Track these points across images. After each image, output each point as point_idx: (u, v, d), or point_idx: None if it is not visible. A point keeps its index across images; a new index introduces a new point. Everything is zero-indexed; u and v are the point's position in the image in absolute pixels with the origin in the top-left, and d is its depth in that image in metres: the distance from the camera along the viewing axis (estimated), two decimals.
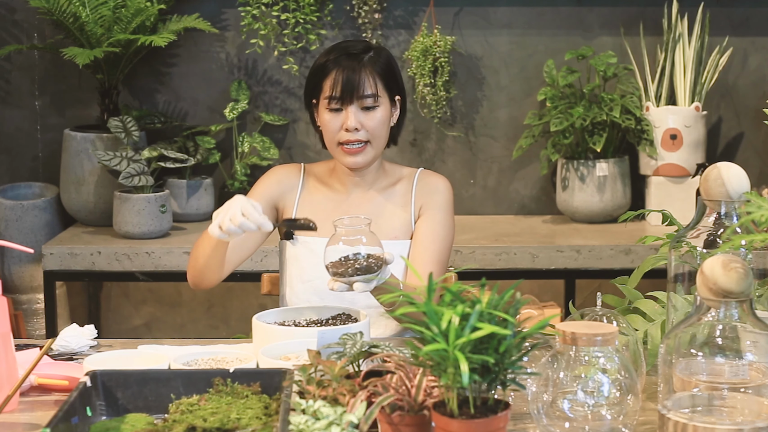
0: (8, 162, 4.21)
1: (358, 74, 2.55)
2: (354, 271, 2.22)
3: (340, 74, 2.55)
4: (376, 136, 2.58)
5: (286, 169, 2.71)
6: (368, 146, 2.58)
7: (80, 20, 3.86)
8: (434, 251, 2.60)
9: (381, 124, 2.58)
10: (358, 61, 2.57)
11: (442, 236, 2.63)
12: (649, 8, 4.07)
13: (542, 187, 4.19)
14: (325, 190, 2.68)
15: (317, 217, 2.64)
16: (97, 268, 3.71)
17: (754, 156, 4.16)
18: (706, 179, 1.97)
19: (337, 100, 2.55)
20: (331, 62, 2.57)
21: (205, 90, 4.16)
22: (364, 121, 2.56)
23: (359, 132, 2.55)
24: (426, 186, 2.67)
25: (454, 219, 2.69)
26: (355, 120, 2.55)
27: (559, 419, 1.76)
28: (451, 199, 2.69)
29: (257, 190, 2.67)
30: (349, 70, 2.55)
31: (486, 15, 4.12)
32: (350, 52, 2.59)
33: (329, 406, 1.68)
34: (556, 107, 3.89)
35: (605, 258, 3.70)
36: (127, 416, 1.86)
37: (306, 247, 2.63)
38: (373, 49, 2.62)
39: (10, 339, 1.99)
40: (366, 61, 2.57)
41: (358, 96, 2.55)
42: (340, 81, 2.55)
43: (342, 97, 2.55)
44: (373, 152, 2.59)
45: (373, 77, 2.57)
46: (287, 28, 4.07)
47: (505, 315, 1.62)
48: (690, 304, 1.97)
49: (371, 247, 2.22)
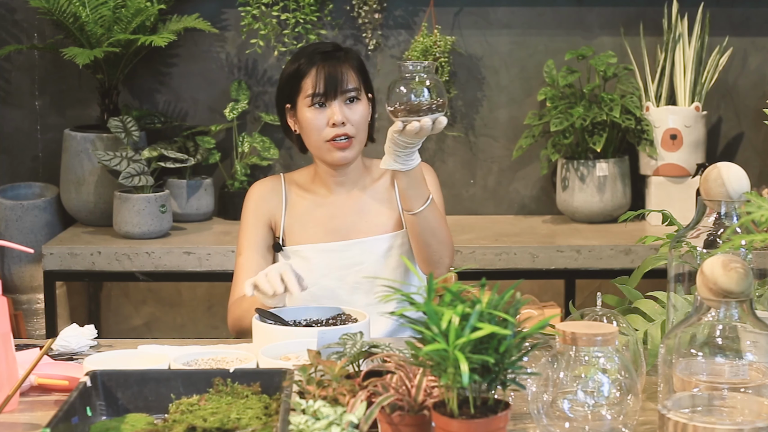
0: (8, 162, 4.21)
1: (339, 69, 2.58)
2: (425, 109, 2.34)
3: (322, 71, 2.58)
4: (360, 130, 2.61)
5: (266, 184, 2.71)
6: (354, 140, 2.60)
7: (80, 20, 3.86)
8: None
9: (364, 118, 2.61)
10: (336, 57, 2.61)
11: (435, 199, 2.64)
12: (649, 8, 4.07)
13: (542, 187, 4.19)
14: (310, 196, 2.68)
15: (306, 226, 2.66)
16: (97, 268, 3.71)
17: (754, 156, 4.16)
18: (706, 179, 1.97)
19: (320, 96, 2.57)
20: (306, 64, 2.60)
21: (205, 90, 4.16)
22: (349, 115, 2.58)
23: (345, 126, 2.58)
24: None
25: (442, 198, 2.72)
26: (341, 113, 2.57)
27: (559, 419, 1.76)
28: (435, 179, 2.71)
29: (249, 217, 2.67)
30: (330, 65, 2.58)
31: (486, 15, 4.12)
32: (324, 50, 2.62)
33: (329, 406, 1.68)
34: (556, 107, 3.89)
35: (605, 258, 3.70)
36: (127, 416, 1.86)
37: (297, 255, 2.64)
38: (344, 49, 2.67)
39: (10, 339, 1.99)
40: (344, 57, 2.62)
41: (342, 90, 2.58)
42: (323, 77, 2.57)
43: (326, 93, 2.57)
44: (358, 147, 2.62)
45: (353, 71, 2.60)
46: (287, 28, 4.07)
47: (505, 315, 1.62)
48: (690, 304, 1.97)
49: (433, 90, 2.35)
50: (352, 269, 2.59)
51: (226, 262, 3.68)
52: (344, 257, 2.61)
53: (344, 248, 2.62)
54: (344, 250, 2.62)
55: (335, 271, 2.61)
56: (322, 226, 2.65)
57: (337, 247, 2.62)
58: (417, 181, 2.49)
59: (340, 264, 2.61)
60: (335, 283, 2.60)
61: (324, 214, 2.65)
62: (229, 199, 4.07)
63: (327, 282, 2.60)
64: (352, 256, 2.60)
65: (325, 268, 2.61)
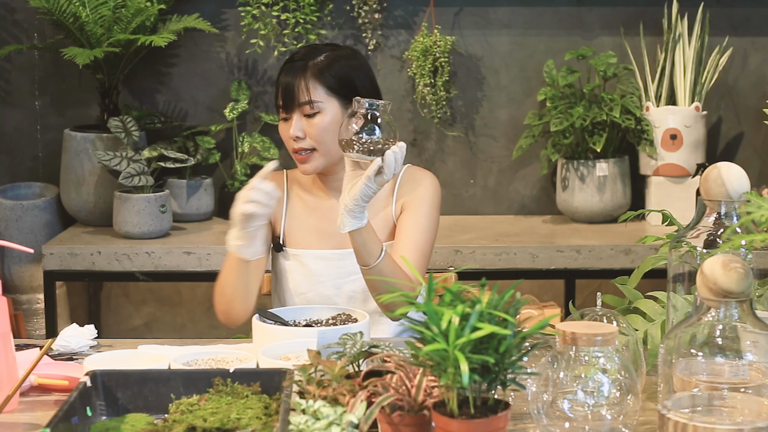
0: (8, 162, 4.21)
1: (295, 81, 2.54)
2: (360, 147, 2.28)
3: (283, 83, 2.56)
4: (322, 142, 2.54)
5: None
6: (315, 153, 2.55)
7: (80, 20, 3.86)
8: (417, 240, 2.55)
9: (324, 131, 2.53)
10: (296, 68, 2.55)
11: (425, 227, 2.58)
12: (649, 8, 4.07)
13: (542, 187, 4.19)
14: (309, 198, 2.66)
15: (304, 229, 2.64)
16: (97, 268, 3.71)
17: (754, 156, 4.16)
18: (706, 179, 1.97)
19: (282, 109, 2.56)
20: (281, 71, 2.59)
21: (205, 90, 4.16)
22: (307, 129, 2.54)
23: (303, 140, 2.54)
24: (409, 182, 2.63)
25: (438, 216, 2.63)
26: (296, 128, 2.54)
27: (559, 419, 1.76)
28: (437, 194, 2.63)
29: None
30: (290, 77, 2.55)
31: (486, 15, 4.12)
32: (294, 59, 2.58)
33: (329, 406, 1.68)
34: (556, 107, 3.89)
35: (605, 258, 3.70)
36: (127, 416, 1.86)
37: (297, 259, 2.62)
38: (325, 53, 2.58)
39: (10, 339, 1.99)
40: (306, 67, 2.54)
41: (297, 104, 2.54)
42: (281, 90, 2.56)
43: (284, 106, 2.56)
44: (323, 159, 2.56)
45: (312, 83, 2.53)
46: (287, 28, 4.07)
47: (505, 315, 1.62)
48: (690, 304, 1.97)
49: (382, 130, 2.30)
50: (347, 278, 2.57)
51: None
52: (340, 266, 2.58)
53: (340, 257, 2.58)
54: (340, 259, 2.59)
55: (332, 280, 2.59)
56: (319, 230, 2.63)
57: (332, 255, 2.59)
58: (371, 234, 2.40)
59: (337, 273, 2.59)
60: (332, 291, 2.59)
61: (320, 218, 2.63)
62: (229, 199, 4.04)
63: (324, 290, 2.59)
64: (347, 266, 2.56)
65: (322, 276, 2.59)
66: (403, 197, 2.62)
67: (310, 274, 2.60)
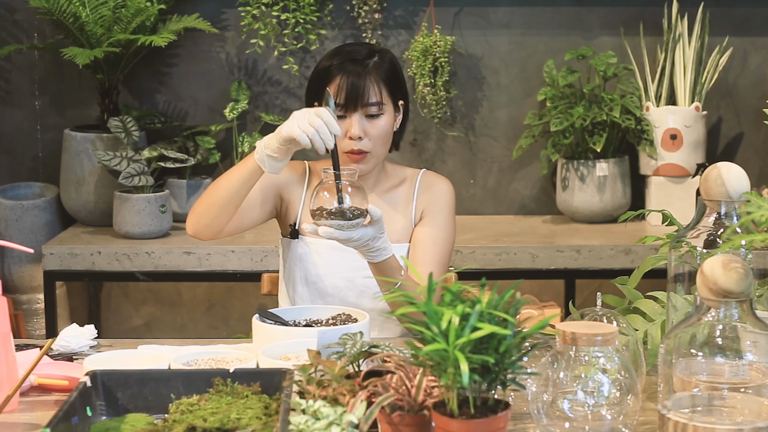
0: (8, 162, 4.21)
1: (363, 81, 2.49)
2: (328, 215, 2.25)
3: (345, 80, 2.49)
4: (379, 145, 2.53)
5: (293, 165, 2.65)
6: (369, 155, 2.53)
7: (80, 20, 3.86)
8: (435, 253, 2.58)
9: (384, 133, 2.53)
10: (363, 66, 2.51)
11: (443, 239, 2.61)
12: (649, 8, 4.07)
13: (542, 187, 4.19)
14: None
15: None
16: (97, 268, 3.71)
17: (754, 156, 4.16)
18: (706, 179, 1.97)
19: (341, 107, 2.49)
20: (336, 67, 2.51)
21: (205, 90, 4.16)
22: (368, 129, 2.51)
23: (362, 141, 2.50)
24: (428, 189, 2.65)
25: (455, 221, 2.67)
26: (359, 128, 2.49)
27: (559, 419, 1.76)
28: (453, 201, 2.67)
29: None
30: (354, 76, 2.49)
31: (486, 15, 4.12)
32: (355, 57, 2.52)
33: (329, 406, 1.68)
34: (556, 107, 3.89)
35: (605, 258, 3.70)
36: (127, 416, 1.86)
37: (310, 247, 2.60)
38: (378, 53, 2.56)
39: (10, 339, 1.99)
40: (371, 67, 2.52)
41: (363, 104, 2.50)
42: (345, 88, 2.49)
43: (346, 105, 2.49)
44: (374, 161, 2.55)
45: (378, 84, 2.51)
46: (287, 28, 4.07)
47: (505, 315, 1.62)
48: (690, 304, 1.97)
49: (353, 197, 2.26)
50: (360, 272, 2.55)
51: (226, 262, 3.69)
52: (354, 258, 2.56)
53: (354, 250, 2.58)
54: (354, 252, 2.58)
55: (344, 272, 2.58)
56: None
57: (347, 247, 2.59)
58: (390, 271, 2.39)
59: (350, 265, 2.57)
60: (343, 283, 2.58)
61: None
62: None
63: (335, 281, 2.58)
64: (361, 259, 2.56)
65: (335, 266, 2.58)
66: (422, 204, 2.64)
67: (324, 264, 2.58)
